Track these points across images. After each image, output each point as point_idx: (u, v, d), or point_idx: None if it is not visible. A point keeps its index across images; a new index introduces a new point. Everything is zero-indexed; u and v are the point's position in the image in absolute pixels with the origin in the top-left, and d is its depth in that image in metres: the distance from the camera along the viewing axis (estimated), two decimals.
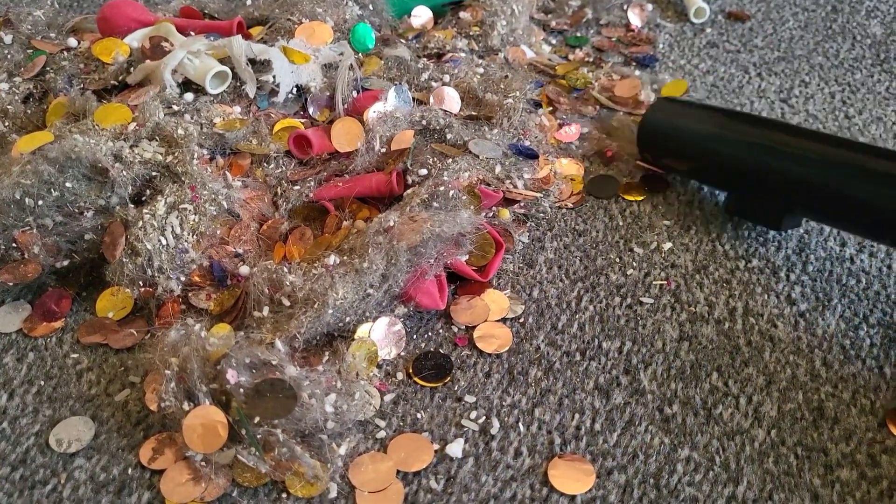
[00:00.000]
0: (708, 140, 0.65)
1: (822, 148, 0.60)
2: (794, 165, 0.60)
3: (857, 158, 0.58)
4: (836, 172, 0.58)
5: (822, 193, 0.58)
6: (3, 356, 0.56)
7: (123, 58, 0.71)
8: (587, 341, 0.57)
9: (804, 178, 0.59)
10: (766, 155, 0.61)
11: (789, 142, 0.61)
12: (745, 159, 0.62)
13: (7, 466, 0.49)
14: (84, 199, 0.58)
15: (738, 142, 0.63)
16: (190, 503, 0.47)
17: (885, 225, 0.56)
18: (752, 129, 0.64)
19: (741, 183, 0.64)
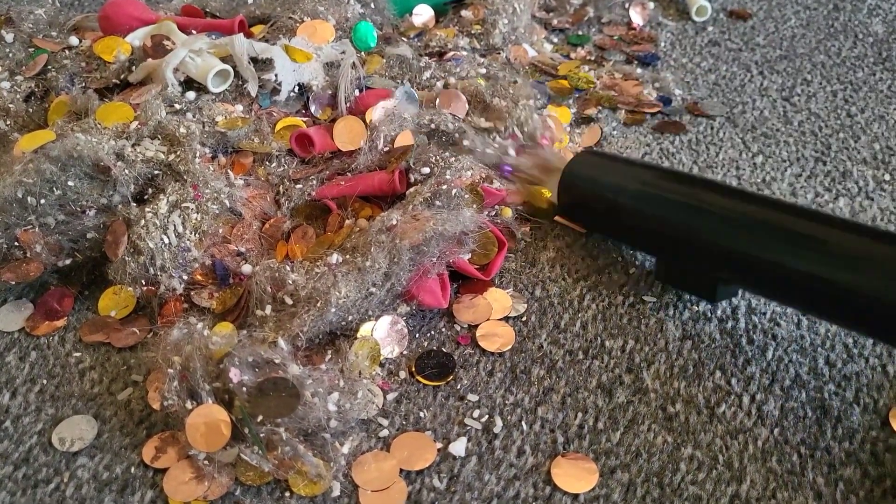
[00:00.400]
0: (631, 198, 0.59)
1: (757, 211, 0.53)
2: (724, 230, 0.53)
3: (797, 224, 0.51)
4: (773, 239, 0.51)
5: (756, 263, 0.52)
6: (5, 355, 0.56)
7: (125, 56, 0.71)
8: (590, 340, 0.57)
9: (736, 244, 0.53)
10: (693, 217, 0.55)
11: (721, 203, 0.55)
12: (671, 222, 0.56)
13: (10, 465, 0.49)
14: (86, 197, 0.58)
15: (663, 201, 0.57)
16: (193, 502, 0.47)
17: (832, 303, 0.50)
18: (679, 188, 0.58)
19: (668, 248, 0.58)
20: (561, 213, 0.65)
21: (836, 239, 0.50)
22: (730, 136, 0.77)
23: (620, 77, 0.85)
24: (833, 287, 0.49)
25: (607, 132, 0.77)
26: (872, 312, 0.48)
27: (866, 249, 0.49)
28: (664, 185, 0.58)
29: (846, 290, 0.48)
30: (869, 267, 0.48)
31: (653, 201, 0.58)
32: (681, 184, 0.59)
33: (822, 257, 0.49)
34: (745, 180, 0.71)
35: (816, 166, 0.73)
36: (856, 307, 0.48)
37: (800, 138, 0.76)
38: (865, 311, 0.48)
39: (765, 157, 0.74)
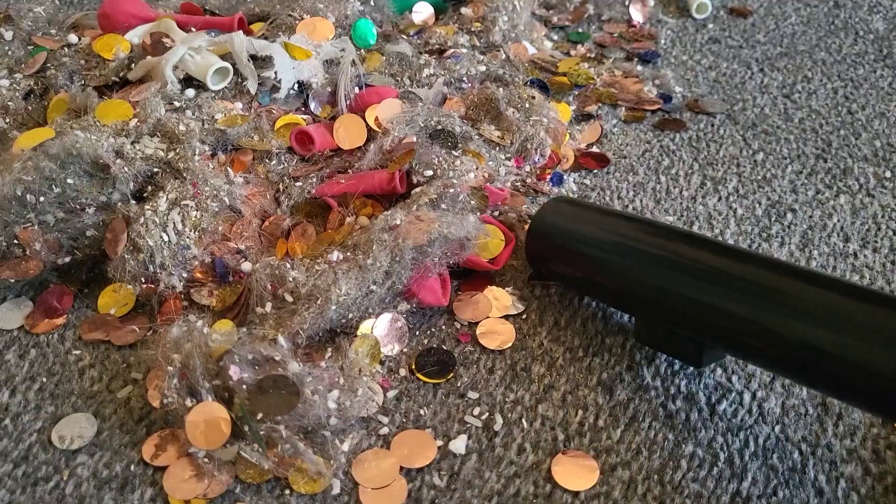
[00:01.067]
0: (606, 251, 0.54)
1: (748, 271, 0.48)
2: (710, 291, 0.48)
3: (792, 286, 0.46)
4: (766, 303, 0.46)
5: (748, 328, 0.46)
6: (4, 353, 0.56)
7: (124, 54, 0.71)
8: (590, 337, 0.57)
9: (722, 306, 0.47)
10: (675, 275, 0.50)
11: (707, 261, 0.50)
12: (650, 279, 0.51)
13: (9, 463, 0.49)
14: (85, 195, 0.58)
15: (642, 255, 0.52)
16: (193, 500, 0.47)
17: (832, 375, 0.44)
18: (660, 241, 0.53)
19: (647, 308, 0.52)
20: (531, 265, 0.61)
21: (834, 304, 0.44)
22: (730, 134, 0.77)
23: (621, 74, 0.85)
24: (830, 358, 0.44)
25: (608, 129, 0.77)
26: (868, 386, 0.42)
27: (865, 316, 0.43)
28: (643, 238, 0.54)
29: (841, 360, 0.43)
30: (866, 337, 0.43)
31: (630, 255, 0.53)
32: (662, 237, 0.53)
33: (820, 326, 0.44)
34: (745, 177, 0.71)
35: (817, 163, 0.73)
36: (851, 380, 0.43)
37: (800, 135, 0.76)
38: (862, 385, 0.43)
39: (765, 155, 0.74)
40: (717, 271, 0.49)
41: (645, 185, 0.70)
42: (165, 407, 0.49)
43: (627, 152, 0.74)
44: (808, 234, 0.65)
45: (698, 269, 0.50)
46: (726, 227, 0.66)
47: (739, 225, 0.66)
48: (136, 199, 0.60)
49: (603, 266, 0.55)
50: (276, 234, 0.60)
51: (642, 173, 0.72)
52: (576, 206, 0.60)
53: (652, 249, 0.52)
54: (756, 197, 0.69)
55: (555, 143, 0.70)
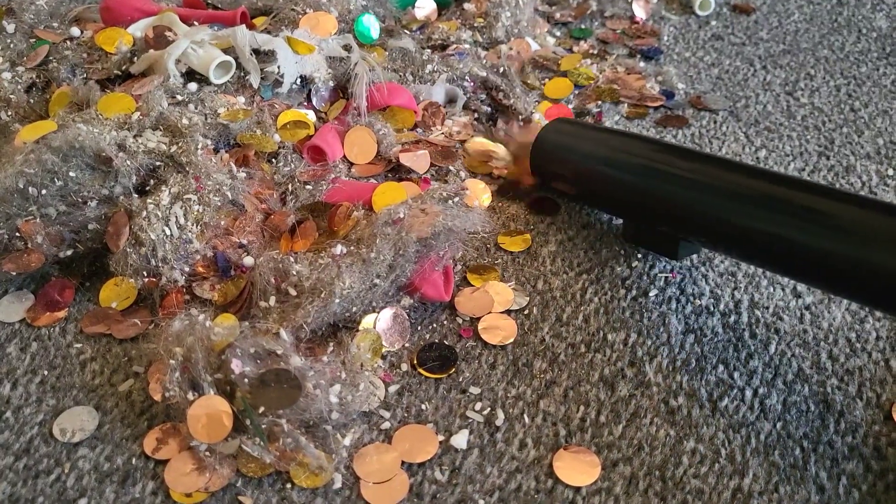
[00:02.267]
0: (599, 163, 0.62)
1: (713, 171, 0.55)
2: (682, 190, 0.56)
3: (753, 184, 0.53)
4: (728, 198, 0.53)
5: (713, 220, 0.54)
6: (6, 346, 0.56)
7: (127, 47, 0.71)
8: (592, 333, 0.57)
9: (693, 203, 0.55)
10: (653, 179, 0.58)
11: (680, 165, 0.57)
12: (635, 184, 0.59)
13: (11, 456, 0.49)
14: (87, 188, 0.58)
15: (626, 164, 0.60)
16: (194, 493, 0.47)
17: (786, 257, 0.51)
18: (643, 152, 0.60)
19: (633, 210, 0.61)
20: (534, 176, 0.67)
21: (794, 199, 0.51)
22: (733, 131, 0.77)
23: (623, 71, 0.84)
24: (790, 243, 0.50)
25: (610, 125, 0.77)
26: (826, 267, 0.48)
27: (823, 208, 0.49)
28: (629, 150, 0.61)
29: (803, 246, 0.49)
30: (824, 225, 0.49)
31: (619, 165, 0.60)
32: (644, 148, 0.61)
33: (777, 214, 0.50)
34: None
35: (820, 161, 0.73)
36: (808, 262, 0.49)
37: (803, 133, 0.76)
38: (817, 266, 0.49)
39: (768, 152, 0.74)
40: (691, 173, 0.56)
41: None
42: (167, 400, 0.49)
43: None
44: None
45: (674, 174, 0.57)
46: None
47: None
48: (138, 192, 0.60)
49: (595, 175, 0.62)
50: (281, 228, 0.60)
51: None
52: (573, 125, 0.68)
53: (636, 159, 0.60)
54: None
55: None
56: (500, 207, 0.67)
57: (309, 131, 0.68)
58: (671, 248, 0.59)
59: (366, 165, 0.68)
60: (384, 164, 0.68)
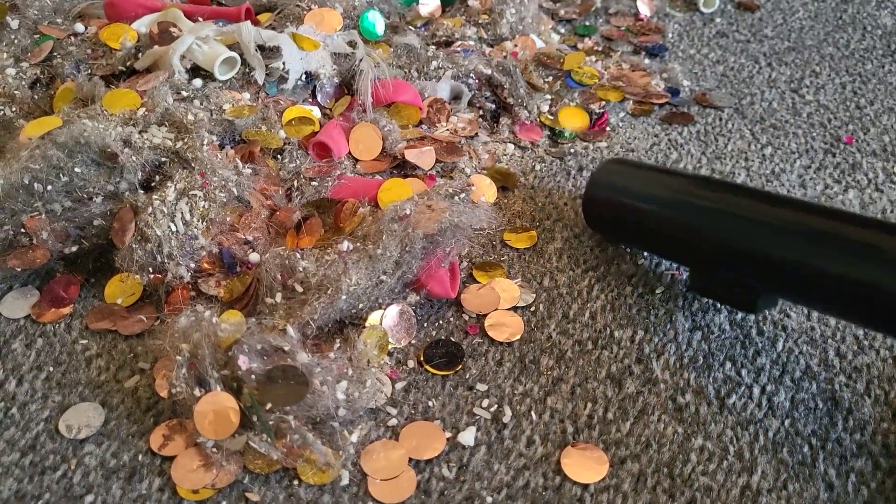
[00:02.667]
0: (662, 206, 0.57)
1: (798, 216, 0.50)
2: (764, 236, 0.50)
3: (838, 229, 0.48)
4: (817, 245, 0.48)
5: (799, 271, 0.48)
6: (11, 342, 0.56)
7: (131, 43, 0.71)
8: (599, 330, 0.56)
9: (777, 251, 0.49)
10: (730, 224, 0.52)
11: (759, 208, 0.52)
12: (706, 229, 0.53)
13: (17, 452, 0.49)
14: (93, 184, 0.58)
15: (697, 208, 0.54)
16: (201, 490, 0.46)
17: (880, 310, 0.46)
18: (712, 194, 0.55)
19: (703, 258, 0.54)
20: (588, 224, 0.63)
21: (888, 245, 0.46)
22: (738, 128, 0.76)
23: (628, 68, 0.84)
24: (884, 295, 0.45)
25: (615, 122, 0.77)
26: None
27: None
28: (696, 192, 0.56)
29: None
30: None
31: (685, 209, 0.55)
32: (714, 190, 0.56)
33: (873, 264, 0.46)
34: (753, 171, 0.71)
35: (826, 158, 0.73)
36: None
37: (809, 130, 0.76)
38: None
39: (773, 149, 0.74)
40: (769, 217, 0.51)
41: None
42: (173, 397, 0.49)
43: (635, 146, 0.74)
44: None
45: (752, 217, 0.51)
46: None
47: None
48: (143, 188, 0.60)
49: (658, 220, 0.57)
50: (287, 225, 0.60)
51: None
52: (630, 166, 0.63)
53: (706, 203, 0.54)
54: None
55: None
56: (506, 204, 0.67)
57: (314, 128, 0.68)
58: (748, 301, 0.52)
59: (371, 162, 0.68)
60: (389, 161, 0.68)
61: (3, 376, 0.53)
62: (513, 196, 0.68)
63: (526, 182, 0.70)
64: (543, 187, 0.69)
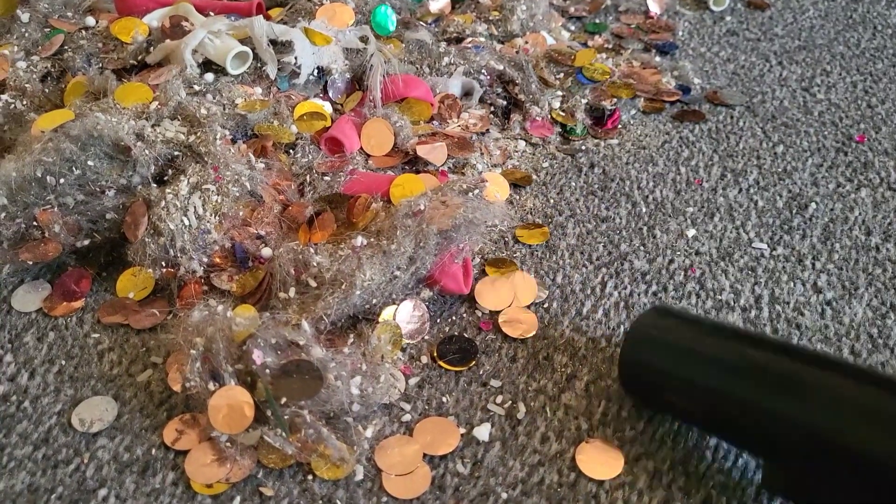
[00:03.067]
0: (727, 383, 0.45)
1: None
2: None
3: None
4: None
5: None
6: (23, 335, 0.56)
7: (142, 37, 0.70)
8: (612, 328, 0.56)
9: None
10: (828, 408, 0.41)
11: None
12: (795, 413, 0.41)
13: (30, 445, 0.49)
14: (106, 177, 0.58)
15: (781, 384, 0.42)
16: (215, 484, 0.46)
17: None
18: (804, 370, 0.43)
19: (792, 450, 0.42)
20: (625, 390, 0.51)
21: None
22: (750, 126, 0.76)
23: (639, 65, 0.84)
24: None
25: (626, 119, 0.77)
26: None
27: None
28: (770, 362, 0.44)
29: None
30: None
31: (762, 384, 0.43)
32: (802, 362, 0.44)
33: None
34: (766, 170, 0.71)
35: (837, 157, 0.72)
36: None
37: (820, 129, 0.76)
38: None
39: (785, 147, 0.73)
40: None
41: (665, 176, 0.70)
42: (187, 391, 0.49)
43: (646, 143, 0.74)
44: (829, 227, 0.64)
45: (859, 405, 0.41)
46: (747, 218, 0.65)
47: (760, 217, 0.65)
48: (156, 182, 0.59)
49: (721, 398, 0.45)
50: (299, 219, 0.60)
51: (662, 164, 0.71)
52: (681, 319, 0.50)
53: (794, 375, 0.43)
54: (777, 189, 0.68)
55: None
56: (518, 201, 0.67)
57: (325, 123, 0.68)
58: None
59: (383, 157, 0.68)
60: (401, 156, 0.68)
61: (15, 369, 0.53)
62: (524, 193, 0.68)
63: (537, 179, 0.69)
64: (555, 184, 0.69)
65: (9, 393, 0.52)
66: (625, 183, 0.69)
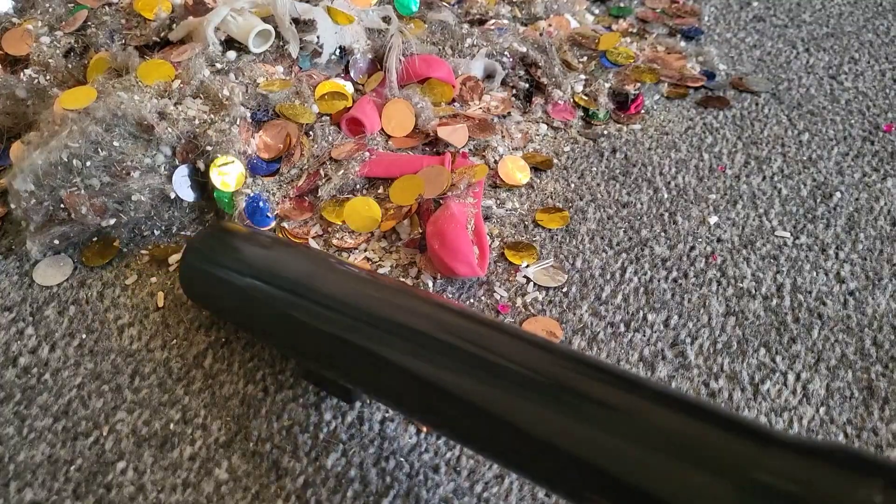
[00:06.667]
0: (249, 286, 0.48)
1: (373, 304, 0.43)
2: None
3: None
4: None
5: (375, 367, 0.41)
6: (44, 308, 0.56)
7: (165, 14, 0.70)
8: (632, 313, 0.56)
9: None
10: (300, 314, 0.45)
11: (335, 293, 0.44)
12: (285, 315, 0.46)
13: (49, 417, 0.49)
14: (130, 157, 0.58)
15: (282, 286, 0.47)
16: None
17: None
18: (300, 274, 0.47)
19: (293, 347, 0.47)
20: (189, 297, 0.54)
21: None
22: (775, 113, 0.75)
23: (663, 50, 0.83)
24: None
25: (649, 105, 0.76)
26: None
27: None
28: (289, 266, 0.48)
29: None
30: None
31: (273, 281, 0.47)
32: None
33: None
34: (790, 158, 0.70)
35: (864, 146, 0.71)
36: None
37: (847, 117, 0.75)
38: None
39: (811, 135, 0.72)
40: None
41: (687, 163, 0.69)
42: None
43: (670, 129, 0.73)
44: (854, 216, 0.64)
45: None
46: (770, 206, 0.64)
47: (784, 205, 0.65)
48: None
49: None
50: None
51: (685, 150, 0.71)
52: (227, 233, 0.53)
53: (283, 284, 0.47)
54: (801, 178, 0.68)
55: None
56: (539, 184, 0.67)
57: (347, 103, 0.67)
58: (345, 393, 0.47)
59: (403, 138, 0.68)
60: (421, 138, 0.68)
61: (36, 342, 0.54)
62: (545, 176, 0.68)
63: (558, 163, 0.69)
64: (576, 168, 0.69)
65: (30, 365, 0.52)
66: (647, 168, 0.69)
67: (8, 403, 0.50)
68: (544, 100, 0.74)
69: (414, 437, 0.48)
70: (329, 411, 0.49)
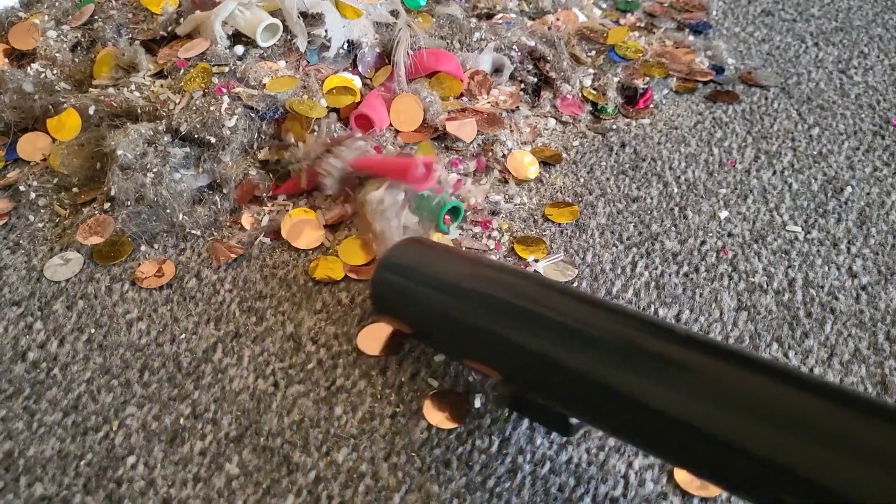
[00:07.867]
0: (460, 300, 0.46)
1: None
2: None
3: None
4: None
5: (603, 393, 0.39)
6: (52, 303, 0.56)
7: (172, 8, 0.70)
8: (643, 308, 0.56)
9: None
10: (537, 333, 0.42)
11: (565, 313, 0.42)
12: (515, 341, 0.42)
13: (59, 412, 0.49)
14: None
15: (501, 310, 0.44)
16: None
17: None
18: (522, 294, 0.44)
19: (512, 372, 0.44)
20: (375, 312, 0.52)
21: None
22: (785, 108, 0.75)
23: (672, 44, 0.83)
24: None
25: (658, 99, 0.76)
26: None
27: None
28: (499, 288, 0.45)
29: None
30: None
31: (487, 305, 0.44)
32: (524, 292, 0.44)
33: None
34: (800, 152, 0.69)
35: (875, 140, 0.71)
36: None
37: (857, 111, 0.74)
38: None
39: (821, 130, 0.72)
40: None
41: (697, 157, 0.69)
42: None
43: (679, 123, 0.73)
44: (865, 211, 0.63)
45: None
46: (781, 201, 0.64)
47: (795, 200, 0.64)
48: None
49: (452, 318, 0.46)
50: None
51: (694, 145, 0.70)
52: (423, 246, 0.51)
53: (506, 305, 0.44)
54: (812, 172, 0.67)
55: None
56: (548, 179, 0.66)
57: (355, 97, 0.67)
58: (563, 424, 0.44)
59: (411, 133, 0.67)
60: (430, 132, 0.67)
61: (44, 337, 0.54)
62: (554, 171, 0.67)
63: (567, 157, 0.69)
64: (585, 162, 0.68)
65: (38, 360, 0.52)
66: (656, 163, 0.68)
67: (17, 398, 0.50)
68: (553, 94, 0.74)
69: (425, 432, 0.47)
70: (339, 406, 0.49)
